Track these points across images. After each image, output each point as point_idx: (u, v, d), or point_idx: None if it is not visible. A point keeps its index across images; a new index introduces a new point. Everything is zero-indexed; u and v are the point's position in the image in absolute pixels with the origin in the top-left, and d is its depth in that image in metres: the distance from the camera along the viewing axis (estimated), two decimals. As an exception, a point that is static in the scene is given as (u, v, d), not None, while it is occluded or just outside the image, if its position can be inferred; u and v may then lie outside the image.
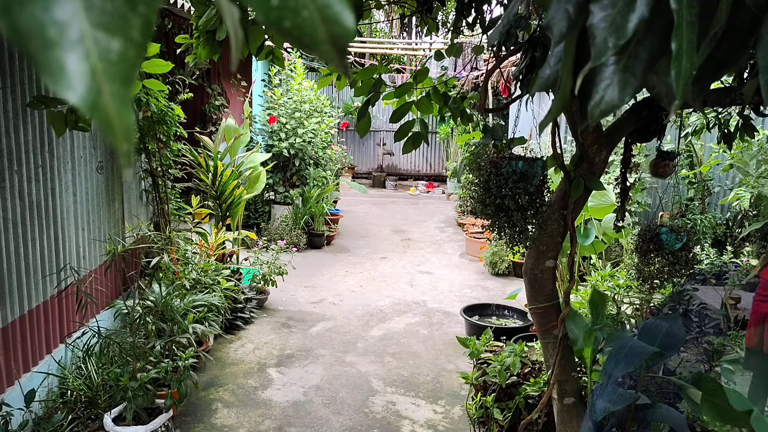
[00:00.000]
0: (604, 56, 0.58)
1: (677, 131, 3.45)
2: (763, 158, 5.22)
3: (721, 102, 2.38)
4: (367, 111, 2.50)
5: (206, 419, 3.62)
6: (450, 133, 13.02)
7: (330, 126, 8.82)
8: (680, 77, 0.56)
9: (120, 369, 3.30)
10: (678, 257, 2.56)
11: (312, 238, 8.18)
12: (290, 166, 8.37)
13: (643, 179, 6.19)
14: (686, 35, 0.56)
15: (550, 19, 0.65)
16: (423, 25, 2.96)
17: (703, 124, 3.86)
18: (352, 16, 0.36)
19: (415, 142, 2.53)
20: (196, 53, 2.32)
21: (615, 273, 4.60)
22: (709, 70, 0.76)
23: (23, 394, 2.91)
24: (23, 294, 3.17)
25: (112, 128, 0.32)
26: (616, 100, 0.62)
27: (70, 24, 0.31)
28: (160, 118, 4.26)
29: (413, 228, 9.81)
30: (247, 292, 5.32)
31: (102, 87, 0.31)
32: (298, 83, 8.48)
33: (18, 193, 3.10)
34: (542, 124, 0.80)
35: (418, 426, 3.70)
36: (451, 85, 3.01)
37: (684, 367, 3.84)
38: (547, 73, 0.78)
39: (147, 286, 3.95)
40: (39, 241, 3.32)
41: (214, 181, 5.75)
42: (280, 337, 5.00)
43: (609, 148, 2.43)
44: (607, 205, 4.76)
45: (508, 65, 7.24)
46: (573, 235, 2.61)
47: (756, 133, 2.94)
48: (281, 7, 0.35)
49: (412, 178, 14.86)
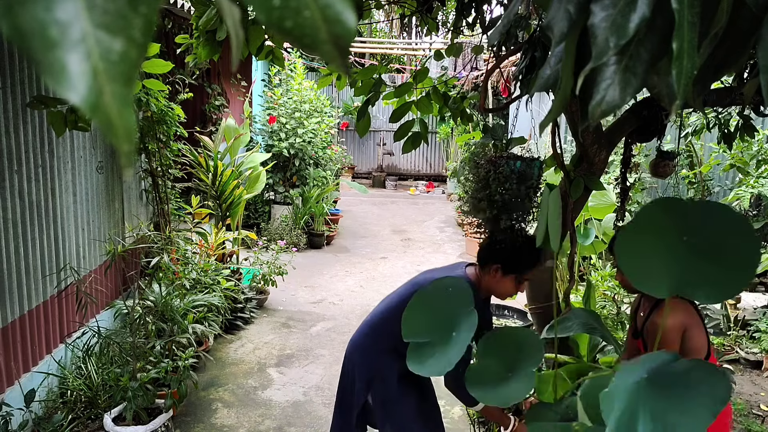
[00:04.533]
0: (605, 56, 0.58)
1: (677, 131, 3.46)
2: (763, 158, 5.22)
3: (721, 102, 2.38)
4: (366, 111, 2.50)
5: (206, 419, 3.62)
6: (450, 133, 13.01)
7: (330, 126, 8.82)
8: (681, 77, 0.56)
9: (120, 369, 3.30)
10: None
11: (312, 238, 8.18)
12: (290, 166, 8.37)
13: (643, 179, 6.19)
14: (687, 35, 0.55)
15: (551, 18, 0.65)
16: (423, 25, 2.96)
17: (703, 124, 3.86)
18: (354, 16, 0.36)
19: (415, 141, 2.53)
20: (196, 53, 2.31)
21: (615, 273, 4.60)
22: (710, 70, 0.76)
23: (23, 394, 2.90)
24: (23, 294, 3.17)
25: (114, 129, 0.32)
26: (617, 99, 0.62)
27: (71, 24, 0.31)
28: (160, 118, 4.26)
29: (413, 228, 9.81)
30: (247, 292, 5.32)
31: (103, 87, 0.31)
32: (298, 83, 8.48)
33: (18, 193, 3.10)
34: (542, 124, 0.80)
35: (418, 426, 3.69)
36: (451, 85, 3.01)
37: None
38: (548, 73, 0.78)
39: (147, 286, 3.95)
40: (39, 241, 3.32)
41: (214, 181, 5.75)
42: (280, 337, 5.00)
43: (609, 148, 2.44)
44: (607, 205, 4.76)
45: (508, 65, 7.24)
46: (573, 235, 2.61)
47: (756, 133, 2.94)
48: (283, 7, 0.35)
49: (412, 178, 14.86)
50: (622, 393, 0.83)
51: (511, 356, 1.09)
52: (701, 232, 0.92)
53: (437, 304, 1.22)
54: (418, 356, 1.17)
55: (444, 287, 1.22)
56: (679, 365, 0.87)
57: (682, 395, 0.81)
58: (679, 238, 0.92)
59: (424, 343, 1.19)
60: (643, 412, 0.80)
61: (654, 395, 0.82)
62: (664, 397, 0.81)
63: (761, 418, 3.77)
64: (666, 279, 0.91)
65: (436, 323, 1.18)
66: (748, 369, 4.56)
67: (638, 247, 0.95)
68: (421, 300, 1.23)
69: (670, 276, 0.91)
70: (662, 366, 0.87)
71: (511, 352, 1.10)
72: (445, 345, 1.12)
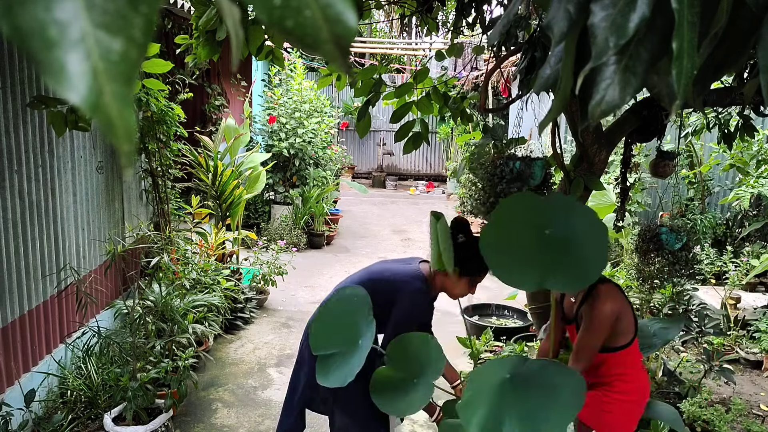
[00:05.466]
0: (605, 56, 0.58)
1: (677, 131, 3.46)
2: (763, 158, 5.22)
3: (721, 102, 2.38)
4: (367, 111, 2.50)
5: (206, 419, 3.62)
6: (450, 133, 13.01)
7: (330, 126, 8.82)
8: (681, 77, 0.56)
9: (120, 369, 3.30)
10: (678, 257, 2.56)
11: (312, 238, 8.18)
12: (290, 166, 8.37)
13: (643, 179, 6.19)
14: (687, 35, 0.55)
15: (551, 18, 0.65)
16: (423, 25, 2.96)
17: (703, 124, 3.86)
18: (355, 16, 0.36)
19: (416, 142, 2.53)
20: (196, 53, 2.32)
21: (615, 273, 4.60)
22: (710, 69, 0.76)
23: (23, 394, 2.90)
24: (23, 294, 3.17)
25: (114, 129, 0.32)
26: (617, 99, 0.62)
27: (71, 24, 0.31)
28: (160, 118, 4.26)
29: (413, 228, 9.81)
30: (247, 292, 5.32)
31: (103, 87, 0.31)
32: (298, 83, 8.47)
33: (18, 193, 3.10)
34: (542, 124, 0.80)
35: (417, 426, 3.70)
36: (451, 85, 3.01)
37: (684, 367, 3.84)
38: (548, 73, 0.78)
39: (147, 286, 3.95)
40: (39, 241, 3.32)
41: (214, 181, 5.75)
42: (280, 337, 5.00)
43: (609, 148, 2.44)
44: (607, 205, 4.76)
45: (508, 65, 7.24)
46: (573, 235, 2.61)
47: (756, 133, 2.94)
48: (284, 7, 0.35)
49: (412, 178, 14.85)
50: (486, 395, 0.84)
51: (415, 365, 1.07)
52: (560, 225, 0.94)
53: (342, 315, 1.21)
54: (324, 368, 1.15)
55: (349, 297, 1.21)
56: (534, 365, 0.88)
57: (545, 396, 0.83)
58: (541, 232, 0.94)
59: (331, 354, 1.17)
60: (509, 413, 0.81)
61: (519, 396, 0.83)
62: (529, 398, 0.83)
63: (761, 418, 3.77)
64: (532, 272, 0.92)
65: (342, 334, 1.17)
66: (748, 369, 4.56)
67: (503, 244, 0.96)
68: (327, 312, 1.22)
69: (534, 269, 0.92)
70: (520, 367, 0.87)
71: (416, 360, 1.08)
72: (350, 355, 1.11)
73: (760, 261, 4.98)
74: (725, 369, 3.39)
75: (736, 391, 4.15)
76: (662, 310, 4.15)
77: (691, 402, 3.29)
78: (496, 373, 0.87)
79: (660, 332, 2.98)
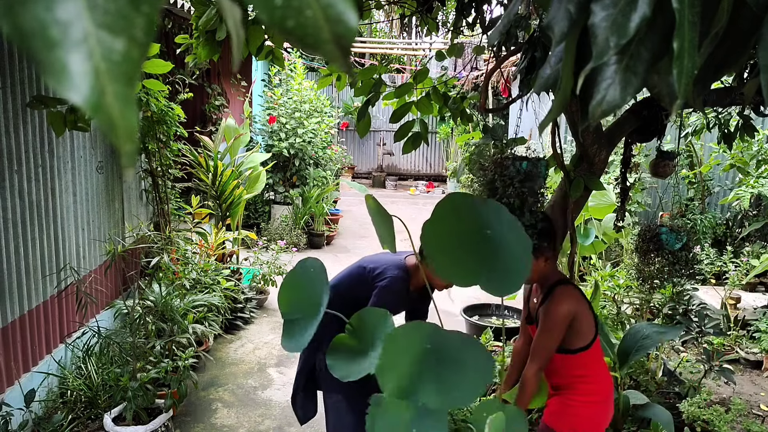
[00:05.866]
0: (606, 56, 0.58)
1: (677, 131, 3.45)
2: (763, 158, 5.22)
3: (721, 102, 2.38)
4: (367, 111, 2.51)
5: (206, 419, 3.62)
6: (450, 133, 13.01)
7: (330, 126, 8.81)
8: (682, 77, 0.56)
9: (120, 369, 3.30)
10: (678, 257, 2.56)
11: (312, 238, 8.18)
12: (290, 166, 8.37)
13: (643, 179, 6.19)
14: (688, 34, 0.55)
15: (551, 18, 0.65)
16: (423, 25, 2.96)
17: (703, 124, 3.86)
18: (356, 16, 0.36)
19: (415, 142, 2.53)
20: (196, 53, 2.32)
21: (615, 273, 4.60)
22: (710, 69, 0.76)
23: (23, 394, 2.90)
24: (23, 294, 3.17)
25: (116, 129, 0.32)
26: (618, 99, 0.62)
27: (73, 24, 0.31)
28: (160, 118, 4.25)
29: (413, 228, 9.80)
30: (247, 292, 5.32)
31: (105, 87, 0.31)
32: (298, 83, 8.47)
33: (18, 193, 3.10)
34: (543, 124, 0.80)
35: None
36: (451, 85, 3.01)
37: (684, 367, 3.84)
38: (548, 73, 0.78)
39: (147, 286, 3.95)
40: (39, 241, 3.31)
41: (214, 181, 5.75)
42: (279, 337, 5.00)
43: (609, 148, 2.44)
44: (607, 205, 4.76)
45: (508, 65, 7.24)
46: (573, 235, 2.61)
47: (756, 133, 2.94)
48: (285, 7, 0.35)
49: (412, 178, 14.85)
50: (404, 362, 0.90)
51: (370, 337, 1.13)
52: (495, 229, 0.98)
53: (304, 282, 1.27)
54: (289, 332, 1.22)
55: (307, 268, 1.27)
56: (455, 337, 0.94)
57: (460, 364, 0.90)
58: (482, 232, 0.98)
59: (295, 318, 1.23)
60: (428, 373, 0.89)
61: (437, 361, 0.90)
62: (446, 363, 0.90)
63: (761, 418, 3.77)
64: (473, 270, 0.97)
65: (304, 300, 1.22)
66: (748, 369, 4.56)
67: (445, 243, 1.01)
68: (291, 278, 1.27)
69: (474, 266, 0.97)
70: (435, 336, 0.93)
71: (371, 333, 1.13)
72: (310, 320, 1.18)
73: (760, 261, 4.98)
74: (725, 369, 3.39)
75: (736, 391, 4.15)
76: (662, 310, 4.15)
77: (690, 402, 3.30)
78: (414, 342, 0.93)
79: (654, 335, 2.98)
